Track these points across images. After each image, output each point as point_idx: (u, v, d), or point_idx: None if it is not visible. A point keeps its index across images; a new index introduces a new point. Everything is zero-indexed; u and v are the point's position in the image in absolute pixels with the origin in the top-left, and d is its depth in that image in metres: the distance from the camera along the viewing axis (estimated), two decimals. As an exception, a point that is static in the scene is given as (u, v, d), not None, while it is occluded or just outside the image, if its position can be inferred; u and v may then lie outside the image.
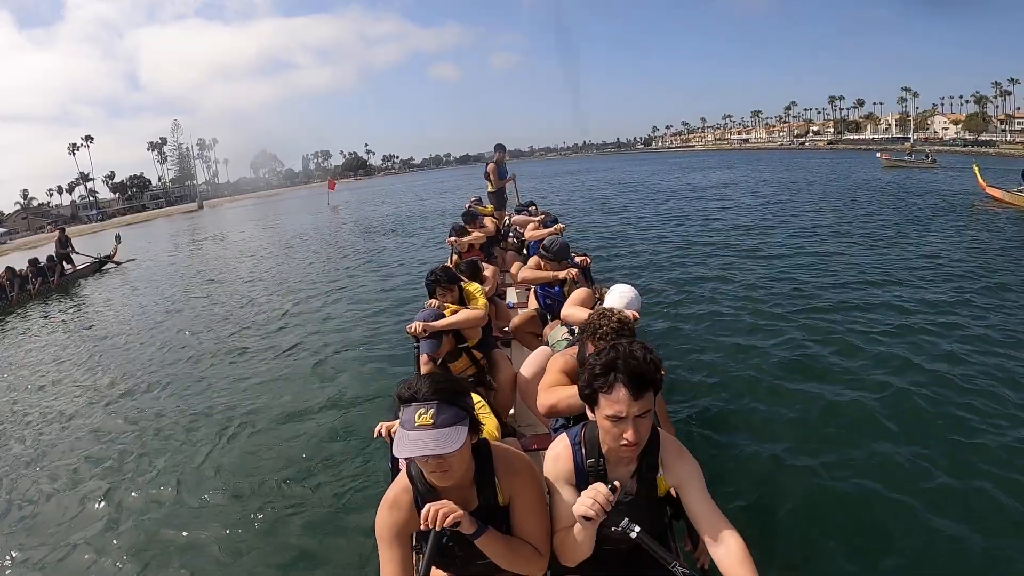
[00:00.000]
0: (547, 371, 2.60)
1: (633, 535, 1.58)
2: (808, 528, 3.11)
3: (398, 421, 1.95)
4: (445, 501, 1.58)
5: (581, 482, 1.76)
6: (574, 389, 2.35)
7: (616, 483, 1.57)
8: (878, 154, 39.77)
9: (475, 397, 2.46)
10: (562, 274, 3.91)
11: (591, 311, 3.81)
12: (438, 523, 1.53)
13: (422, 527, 1.57)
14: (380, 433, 2.22)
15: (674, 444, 1.81)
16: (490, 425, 2.33)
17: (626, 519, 1.58)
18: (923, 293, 7.07)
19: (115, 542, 3.61)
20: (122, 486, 4.31)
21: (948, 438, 3.81)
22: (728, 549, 1.63)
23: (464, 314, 3.21)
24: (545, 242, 4.19)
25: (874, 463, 3.61)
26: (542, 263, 4.18)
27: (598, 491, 1.54)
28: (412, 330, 3.12)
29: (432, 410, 1.52)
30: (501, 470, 1.73)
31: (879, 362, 5.13)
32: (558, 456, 1.82)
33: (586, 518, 1.55)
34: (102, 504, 4.09)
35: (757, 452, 3.87)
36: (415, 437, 1.50)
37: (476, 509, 1.69)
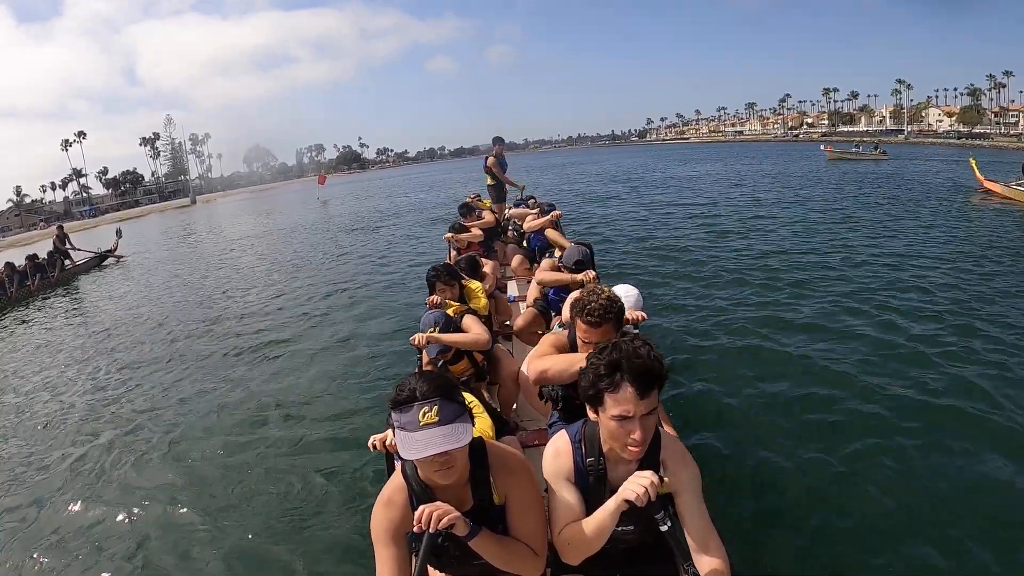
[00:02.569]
0: (538, 345, 2.61)
1: (664, 528, 1.56)
2: (803, 530, 3.08)
3: (390, 431, 1.95)
4: (439, 503, 1.56)
5: (581, 481, 1.76)
6: (565, 356, 2.38)
7: (666, 478, 1.56)
8: (822, 147, 38.48)
9: (467, 397, 2.45)
10: (580, 276, 3.88)
11: (564, 274, 4.00)
12: (432, 525, 1.51)
13: (415, 529, 1.56)
14: (375, 447, 2.15)
15: (676, 446, 1.80)
16: (484, 424, 2.35)
17: (663, 511, 1.56)
18: (935, 294, 6.80)
19: (107, 540, 3.63)
20: (118, 480, 4.36)
21: (974, 451, 3.65)
22: (711, 563, 1.63)
23: (469, 337, 3.18)
24: (564, 259, 4.14)
25: (876, 466, 3.56)
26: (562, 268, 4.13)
27: (651, 479, 1.53)
28: (417, 342, 3.10)
29: (436, 407, 1.50)
30: (496, 468, 1.71)
31: (873, 354, 5.13)
32: (558, 452, 1.80)
33: (628, 502, 1.55)
34: (94, 500, 4.13)
35: (752, 447, 3.87)
36: (423, 437, 1.48)
37: (471, 509, 1.67)
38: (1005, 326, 5.59)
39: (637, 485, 1.53)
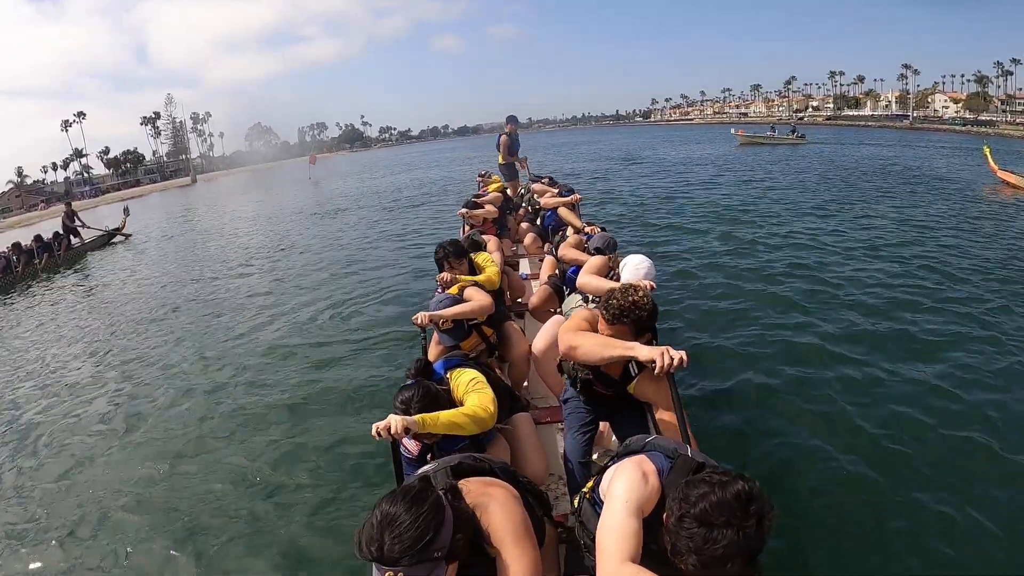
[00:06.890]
0: (571, 318, 2.51)
1: None
2: (810, 528, 3.00)
3: (392, 417, 2.05)
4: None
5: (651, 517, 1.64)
6: (599, 339, 2.25)
7: None
8: (732, 130, 37.18)
9: (471, 373, 2.48)
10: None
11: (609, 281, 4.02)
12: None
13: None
14: (379, 434, 2.06)
15: None
16: (484, 399, 2.32)
17: None
18: (951, 295, 6.35)
19: (112, 521, 3.66)
20: (122, 461, 4.41)
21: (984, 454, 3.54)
22: None
23: (471, 305, 3.13)
24: (590, 244, 4.14)
25: (889, 459, 3.50)
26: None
27: None
28: (418, 321, 3.04)
29: (400, 574, 1.39)
30: (481, 522, 1.62)
31: (885, 347, 5.00)
32: (647, 478, 1.64)
33: None
34: (97, 477, 4.17)
35: (752, 443, 3.82)
36: None
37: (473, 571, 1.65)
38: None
39: None
